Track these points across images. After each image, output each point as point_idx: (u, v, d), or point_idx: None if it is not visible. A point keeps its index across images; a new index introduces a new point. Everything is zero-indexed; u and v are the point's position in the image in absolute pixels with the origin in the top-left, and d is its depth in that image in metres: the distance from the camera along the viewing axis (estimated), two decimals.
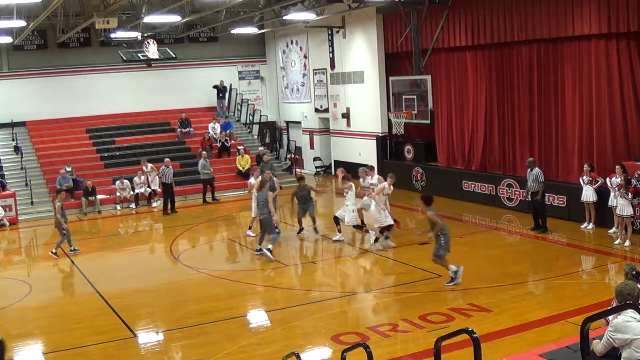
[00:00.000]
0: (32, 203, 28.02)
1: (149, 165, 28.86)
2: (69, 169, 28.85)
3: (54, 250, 20.60)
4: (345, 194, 20.35)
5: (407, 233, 21.44)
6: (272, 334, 13.54)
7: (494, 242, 20.07)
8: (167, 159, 27.84)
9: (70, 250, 20.82)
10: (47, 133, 33.16)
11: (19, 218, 26.74)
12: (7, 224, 25.99)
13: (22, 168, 30.23)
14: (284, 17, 28.58)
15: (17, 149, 31.51)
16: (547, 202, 21.47)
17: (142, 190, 28.59)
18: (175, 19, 25.97)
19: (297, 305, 15.03)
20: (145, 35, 29.98)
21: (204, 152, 29.67)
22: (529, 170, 20.37)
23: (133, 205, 28.32)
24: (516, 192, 22.96)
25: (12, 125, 32.72)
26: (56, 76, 33.90)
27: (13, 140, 32.19)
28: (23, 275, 19.22)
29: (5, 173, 29.61)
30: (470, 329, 7.36)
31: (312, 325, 13.82)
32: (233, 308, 15.03)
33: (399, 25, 27.80)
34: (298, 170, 34.00)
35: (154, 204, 28.54)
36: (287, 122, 37.83)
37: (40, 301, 16.48)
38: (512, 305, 14.07)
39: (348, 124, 32.44)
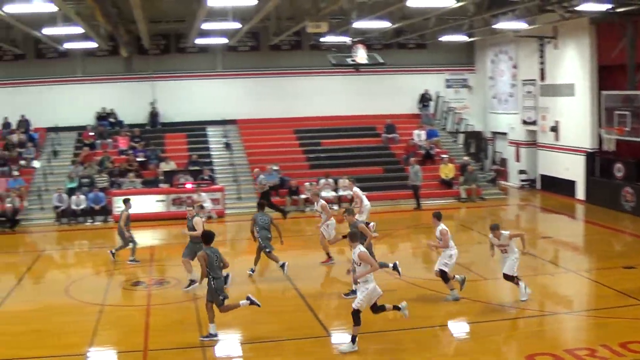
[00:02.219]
0: (239, 198, 29.07)
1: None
2: (275, 168, 29.66)
3: (113, 251, 20.92)
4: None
5: (614, 255, 20.49)
6: (465, 346, 13.28)
7: None
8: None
9: (129, 261, 20.60)
10: (256, 132, 34.32)
11: (226, 212, 27.81)
12: (215, 216, 27.05)
13: (231, 164, 31.47)
14: (494, 26, 28.03)
15: (227, 146, 32.90)
16: None
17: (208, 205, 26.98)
18: (384, 24, 26.13)
19: (493, 320, 14.64)
20: (355, 40, 30.34)
21: (412, 159, 29.79)
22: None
23: (336, 207, 28.58)
24: None
25: (223, 122, 34.20)
26: (267, 77, 35.12)
27: (224, 137, 33.58)
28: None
29: (215, 168, 30.93)
30: None
31: (506, 342, 13.44)
32: (427, 317, 14.86)
33: (613, 37, 26.58)
34: (502, 182, 33.33)
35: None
36: (493, 133, 37.13)
37: (241, 293, 16.93)
38: None
39: (556, 138, 31.36)
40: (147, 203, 27.59)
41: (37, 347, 12.96)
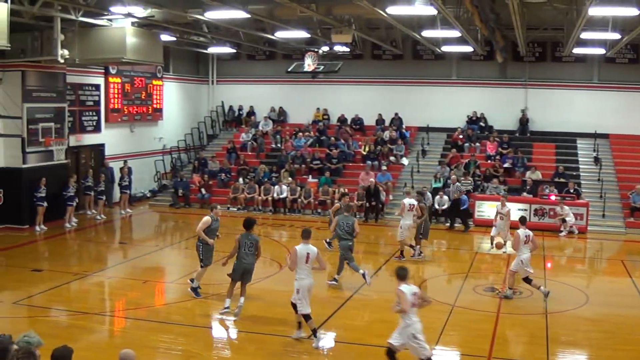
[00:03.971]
0: (603, 216, 27.94)
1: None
2: None
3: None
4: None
5: None
6: None
7: None
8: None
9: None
10: (628, 148, 32.69)
11: (588, 228, 26.88)
12: (576, 231, 26.30)
13: (599, 180, 30.34)
14: None
15: (596, 160, 31.74)
16: None
17: None
18: None
19: None
20: None
21: None
22: None
23: None
24: None
25: (594, 136, 33.03)
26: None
27: (594, 151, 32.50)
28: (581, 284, 19.26)
29: (582, 182, 30.03)
30: None
31: None
32: None
33: None
34: None
35: None
36: None
37: (594, 314, 16.36)
38: None
39: None
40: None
41: (384, 335, 13.39)
